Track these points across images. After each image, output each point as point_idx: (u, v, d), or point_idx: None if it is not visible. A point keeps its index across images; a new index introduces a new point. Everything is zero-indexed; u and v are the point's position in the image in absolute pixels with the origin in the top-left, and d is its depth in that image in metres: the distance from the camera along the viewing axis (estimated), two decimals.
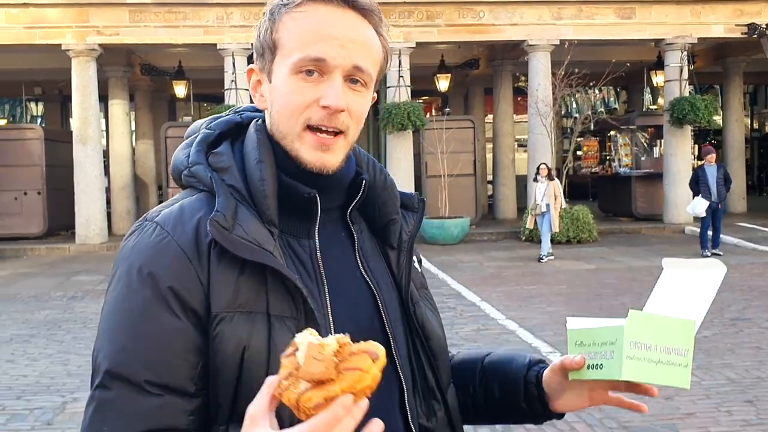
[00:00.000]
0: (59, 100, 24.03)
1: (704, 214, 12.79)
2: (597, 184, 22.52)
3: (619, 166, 19.67)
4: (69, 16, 15.91)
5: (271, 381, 0.96)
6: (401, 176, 16.15)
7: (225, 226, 1.10)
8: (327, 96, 1.13)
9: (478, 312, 8.81)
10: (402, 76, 16.62)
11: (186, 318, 1.09)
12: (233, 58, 16.16)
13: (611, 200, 20.26)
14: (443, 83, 20.27)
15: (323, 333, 1.13)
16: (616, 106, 30.58)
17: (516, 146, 21.78)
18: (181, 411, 1.09)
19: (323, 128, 1.14)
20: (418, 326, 1.26)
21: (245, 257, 1.10)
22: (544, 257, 12.88)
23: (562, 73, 15.31)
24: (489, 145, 21.68)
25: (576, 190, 23.64)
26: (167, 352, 1.09)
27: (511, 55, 19.17)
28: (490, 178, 21.40)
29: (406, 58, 16.68)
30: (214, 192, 1.15)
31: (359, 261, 1.24)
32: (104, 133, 19.87)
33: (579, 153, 23.11)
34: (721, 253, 12.87)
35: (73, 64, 16.19)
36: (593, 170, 21.82)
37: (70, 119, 20.75)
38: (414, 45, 16.65)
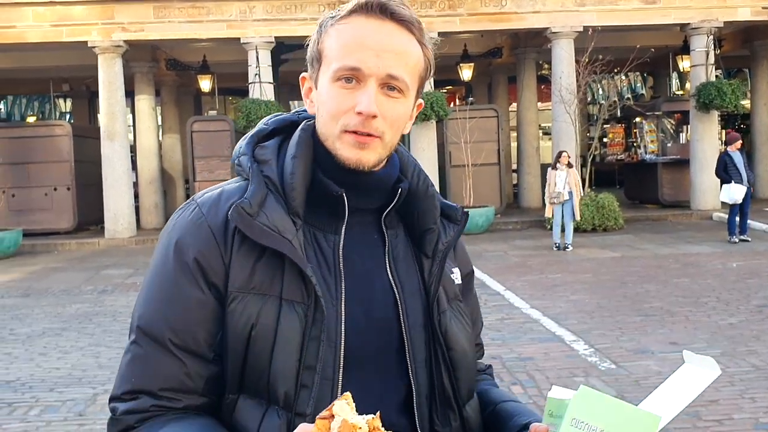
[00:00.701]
0: (86, 96, 24.34)
1: (740, 201, 12.61)
2: (623, 171, 22.32)
3: (645, 152, 19.47)
4: (94, 13, 16.10)
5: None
6: (425, 166, 15.50)
7: (249, 212, 1.19)
8: (360, 102, 1.20)
9: (502, 301, 8.82)
10: None
11: (209, 291, 1.20)
12: (257, 52, 16.25)
13: (637, 187, 20.09)
14: (466, 72, 20.20)
15: (334, 325, 1.20)
16: (643, 91, 30.27)
17: (540, 134, 21.67)
18: (198, 375, 1.21)
19: (359, 132, 1.22)
20: (441, 334, 1.29)
21: (261, 242, 1.19)
22: (569, 245, 12.83)
23: (586, 60, 15.19)
24: (513, 134, 21.57)
25: (602, 177, 23.46)
26: (190, 319, 1.20)
27: (534, 43, 19.05)
28: (514, 167, 21.30)
29: None
30: None
31: (388, 264, 1.29)
32: (131, 128, 20.09)
33: (605, 140, 22.90)
34: (749, 239, 12.75)
35: (99, 60, 16.39)
36: (619, 157, 21.61)
37: (98, 115, 21.00)
38: (436, 35, 16.52)
